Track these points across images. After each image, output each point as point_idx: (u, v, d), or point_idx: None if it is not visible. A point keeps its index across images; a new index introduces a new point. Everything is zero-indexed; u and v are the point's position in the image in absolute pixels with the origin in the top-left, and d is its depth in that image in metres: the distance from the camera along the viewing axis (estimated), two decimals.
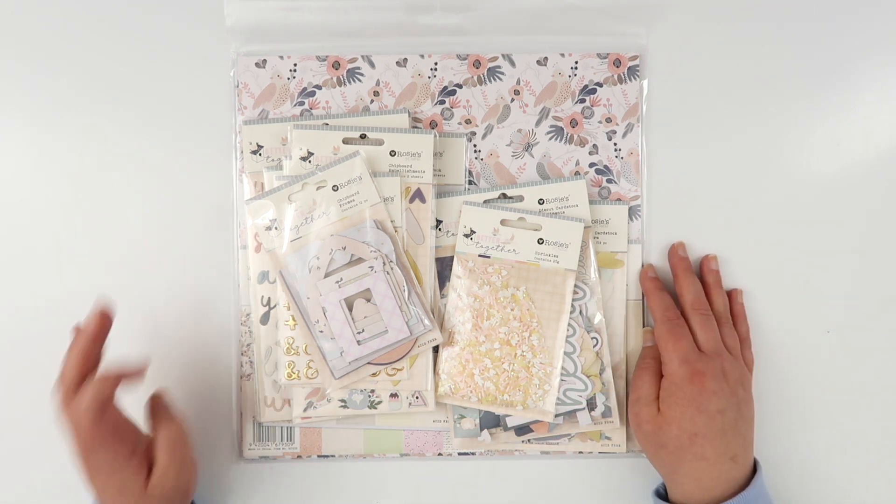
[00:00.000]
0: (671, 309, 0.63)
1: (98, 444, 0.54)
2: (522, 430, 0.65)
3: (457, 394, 0.64)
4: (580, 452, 0.66)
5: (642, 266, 0.66)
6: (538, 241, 0.64)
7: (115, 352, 0.66)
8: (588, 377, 0.65)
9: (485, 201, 0.65)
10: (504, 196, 0.66)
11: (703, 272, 0.66)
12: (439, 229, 0.66)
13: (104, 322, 0.56)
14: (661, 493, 0.63)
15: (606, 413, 0.65)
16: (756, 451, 0.62)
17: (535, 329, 0.64)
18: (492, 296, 0.64)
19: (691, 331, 0.62)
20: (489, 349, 0.64)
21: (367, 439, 0.66)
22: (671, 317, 0.62)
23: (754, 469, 0.60)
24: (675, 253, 0.66)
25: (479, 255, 0.65)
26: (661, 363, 0.62)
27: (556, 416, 0.65)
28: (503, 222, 0.65)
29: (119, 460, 0.55)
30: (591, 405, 0.65)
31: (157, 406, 0.60)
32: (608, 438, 0.66)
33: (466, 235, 0.65)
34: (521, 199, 0.66)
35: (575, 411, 0.65)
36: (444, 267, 0.65)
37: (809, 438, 0.67)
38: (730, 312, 0.65)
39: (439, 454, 0.66)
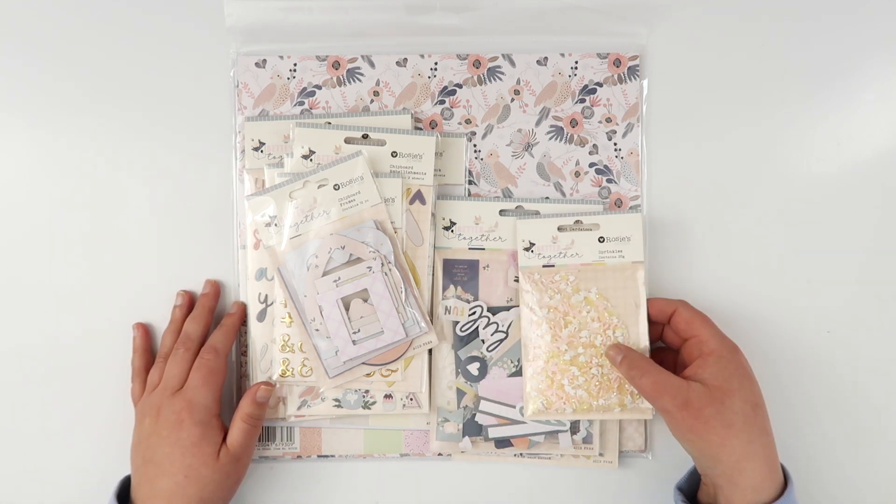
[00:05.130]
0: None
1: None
2: (502, 443, 0.65)
3: (551, 408, 0.63)
4: (575, 457, 0.66)
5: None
6: (599, 240, 0.64)
7: (115, 352, 0.66)
8: None
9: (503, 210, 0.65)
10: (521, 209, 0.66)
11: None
12: (451, 231, 0.65)
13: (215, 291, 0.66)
14: (685, 491, 0.61)
15: (588, 439, 0.65)
16: None
17: (616, 325, 0.63)
18: (564, 303, 0.64)
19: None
20: (574, 356, 0.63)
21: (367, 439, 0.66)
22: (690, 305, 0.62)
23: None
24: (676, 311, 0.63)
25: (544, 266, 0.64)
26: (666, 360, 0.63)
27: (537, 434, 0.64)
28: (560, 229, 0.64)
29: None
30: (573, 429, 0.64)
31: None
32: (601, 455, 0.65)
33: (527, 249, 0.64)
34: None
35: (557, 432, 0.65)
36: (451, 268, 0.65)
37: (809, 438, 0.67)
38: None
39: (439, 454, 0.66)
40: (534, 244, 0.64)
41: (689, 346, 0.60)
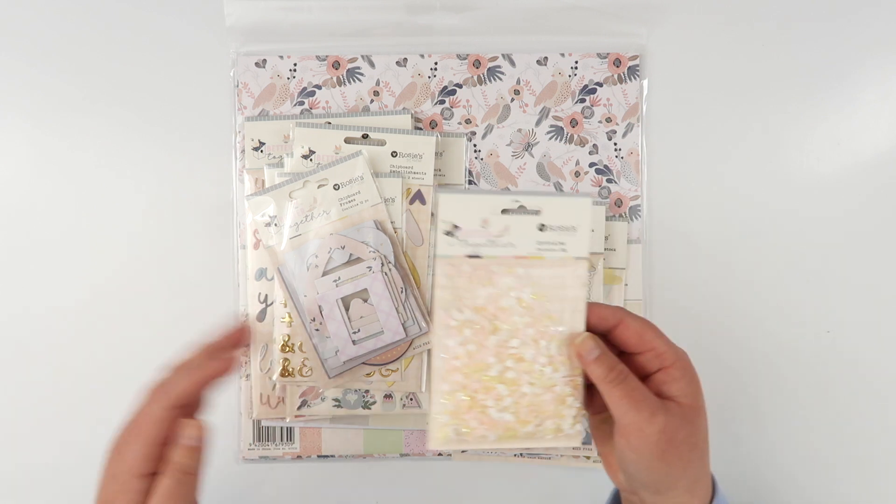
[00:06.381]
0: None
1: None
2: None
3: (471, 435, 0.50)
4: (575, 457, 0.66)
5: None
6: (539, 228, 0.51)
7: (114, 351, 0.66)
8: None
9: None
10: None
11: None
12: None
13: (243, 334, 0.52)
14: None
15: (586, 440, 0.64)
16: (755, 450, 0.61)
17: (553, 335, 0.50)
18: (493, 304, 0.51)
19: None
20: (501, 371, 0.50)
21: (367, 439, 0.66)
22: (633, 314, 0.52)
23: None
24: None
25: (468, 256, 0.50)
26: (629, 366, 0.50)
27: None
28: (502, 211, 0.52)
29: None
30: None
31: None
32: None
33: (448, 233, 0.50)
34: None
35: None
36: None
37: (809, 438, 0.67)
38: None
39: (439, 454, 0.66)
40: (458, 227, 0.50)
41: (645, 359, 0.50)
